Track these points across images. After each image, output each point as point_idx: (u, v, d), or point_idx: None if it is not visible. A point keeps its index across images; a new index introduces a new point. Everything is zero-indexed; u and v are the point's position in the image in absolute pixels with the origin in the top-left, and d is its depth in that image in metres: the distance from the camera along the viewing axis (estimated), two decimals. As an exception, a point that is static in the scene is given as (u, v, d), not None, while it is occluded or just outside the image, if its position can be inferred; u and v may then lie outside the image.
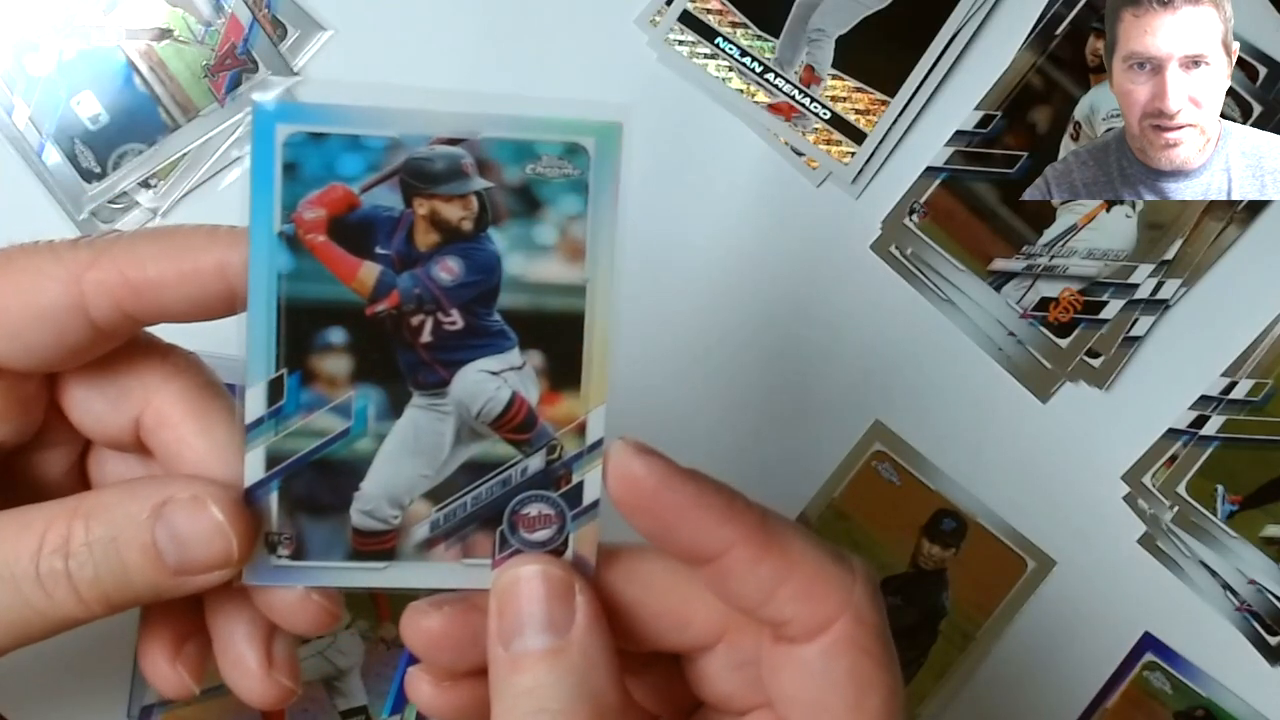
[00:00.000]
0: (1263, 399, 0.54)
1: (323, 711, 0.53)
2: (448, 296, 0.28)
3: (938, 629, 0.55)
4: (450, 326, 0.28)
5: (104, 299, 0.30)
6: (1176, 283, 0.55)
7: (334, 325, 0.28)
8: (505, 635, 0.28)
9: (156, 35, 0.53)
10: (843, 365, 0.55)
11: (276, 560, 0.29)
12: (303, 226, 0.27)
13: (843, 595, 0.29)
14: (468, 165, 0.27)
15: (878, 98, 0.55)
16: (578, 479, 0.29)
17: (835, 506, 0.55)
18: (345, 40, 0.54)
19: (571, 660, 0.28)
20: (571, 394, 0.29)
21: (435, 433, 0.29)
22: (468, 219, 0.28)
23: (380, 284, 0.28)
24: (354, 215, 0.27)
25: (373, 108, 0.27)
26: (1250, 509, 0.54)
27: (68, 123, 0.53)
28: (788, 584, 0.28)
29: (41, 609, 0.29)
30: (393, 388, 0.29)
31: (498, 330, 0.28)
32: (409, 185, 0.27)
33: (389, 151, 0.27)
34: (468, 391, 0.29)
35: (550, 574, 0.29)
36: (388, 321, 0.28)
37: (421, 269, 0.28)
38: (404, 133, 0.27)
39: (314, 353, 0.28)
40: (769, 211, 0.55)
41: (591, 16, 0.55)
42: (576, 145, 0.28)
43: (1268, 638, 0.55)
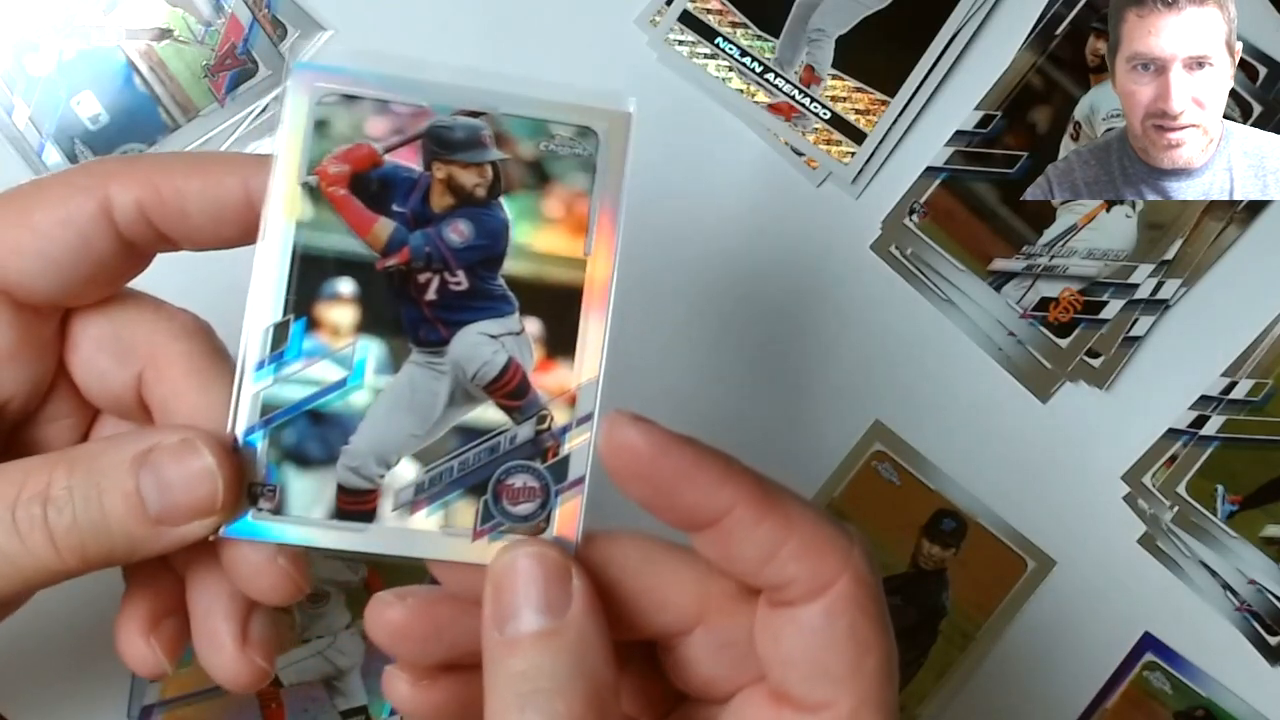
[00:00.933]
0: (1263, 399, 0.54)
1: (323, 711, 0.53)
2: (456, 257, 0.29)
3: (938, 629, 0.55)
4: (455, 287, 0.29)
5: (130, 205, 0.31)
6: (1176, 283, 0.55)
7: (343, 276, 0.29)
8: (500, 617, 0.28)
9: (156, 35, 0.53)
10: (843, 365, 0.55)
11: (256, 513, 0.30)
12: (326, 179, 0.29)
13: (842, 555, 0.29)
14: (486, 136, 0.29)
15: (878, 98, 0.55)
16: (565, 451, 0.30)
17: (835, 506, 0.55)
18: (345, 40, 0.54)
19: (568, 641, 0.28)
20: (565, 364, 0.30)
21: (430, 391, 0.30)
22: (481, 186, 0.29)
23: (393, 239, 0.29)
24: (375, 173, 0.29)
25: (404, 76, 0.29)
26: (1250, 509, 0.54)
27: (68, 123, 0.53)
28: (788, 544, 0.29)
29: (13, 557, 0.29)
30: (393, 342, 0.29)
31: (500, 294, 0.30)
32: (430, 150, 0.29)
33: (415, 118, 0.29)
34: (465, 353, 0.30)
35: (547, 556, 0.29)
36: (396, 277, 0.29)
37: (434, 229, 0.29)
38: (431, 102, 0.29)
39: (321, 300, 0.29)
40: (769, 211, 0.55)
41: (591, 16, 0.55)
42: (588, 128, 0.30)
43: (1268, 638, 0.55)
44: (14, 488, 0.29)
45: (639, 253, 0.55)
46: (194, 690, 0.53)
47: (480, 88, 0.29)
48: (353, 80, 0.29)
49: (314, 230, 0.29)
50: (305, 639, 0.53)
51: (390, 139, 0.29)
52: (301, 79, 0.29)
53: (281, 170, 0.29)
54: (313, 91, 0.29)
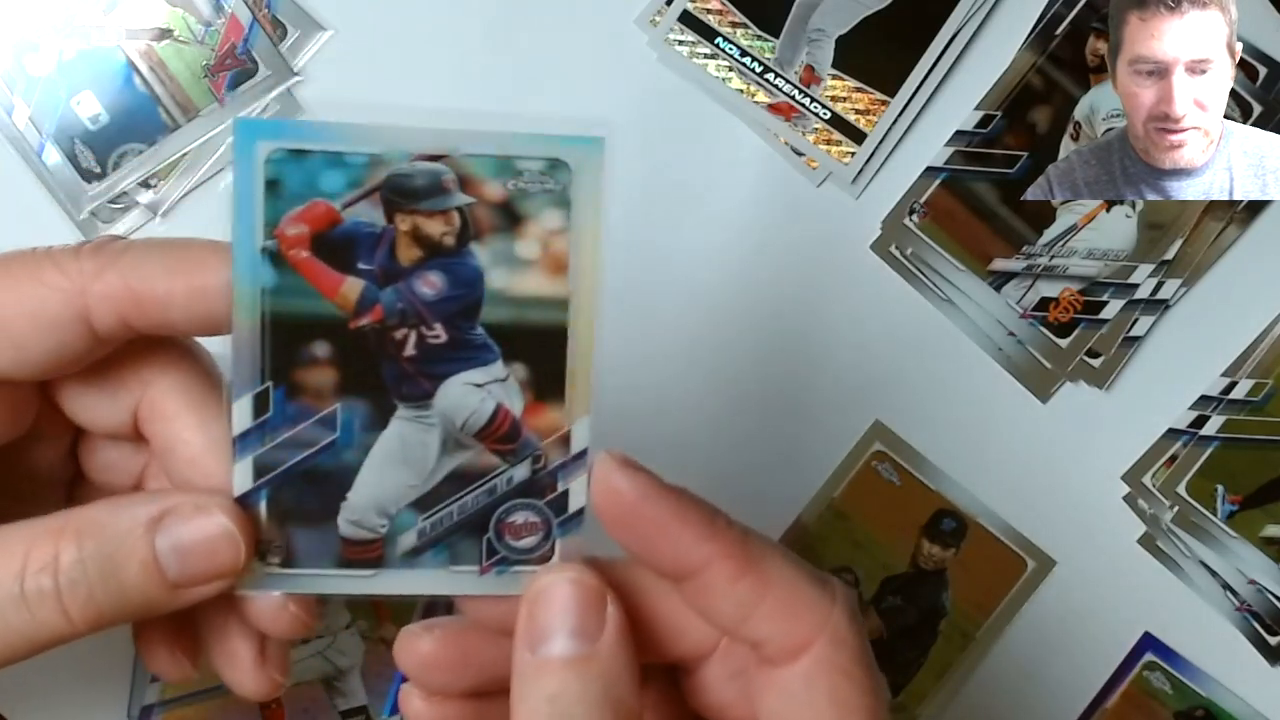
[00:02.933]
0: (1263, 399, 0.54)
1: (323, 711, 0.53)
2: (431, 310, 0.28)
3: (938, 629, 0.55)
4: (434, 340, 0.28)
5: (108, 312, 0.30)
6: (1176, 283, 0.55)
7: (318, 339, 0.28)
8: (534, 639, 0.28)
9: (156, 35, 0.53)
10: (843, 365, 0.55)
11: (267, 568, 0.30)
12: (285, 242, 0.27)
13: (820, 616, 0.29)
14: (449, 181, 0.27)
15: (878, 98, 0.55)
16: (563, 488, 0.30)
17: (835, 506, 0.55)
18: (345, 40, 0.54)
19: (598, 668, 0.28)
20: (556, 405, 0.29)
21: (421, 444, 0.29)
22: (449, 234, 0.28)
23: (363, 299, 0.28)
24: (336, 231, 0.27)
25: (353, 124, 0.27)
26: (1250, 509, 0.54)
27: (68, 123, 0.53)
28: (764, 603, 0.28)
29: (23, 630, 0.29)
30: (377, 400, 0.29)
31: (481, 344, 0.29)
32: (390, 201, 0.27)
33: (370, 168, 0.27)
34: (452, 404, 0.29)
35: (584, 581, 0.29)
36: (371, 335, 0.28)
37: (404, 283, 0.28)
38: (385, 149, 0.27)
39: (299, 366, 0.28)
40: (769, 211, 0.55)
41: (591, 16, 0.55)
42: (558, 160, 0.28)
43: (1268, 638, 0.55)
44: (17, 560, 0.29)
45: (639, 253, 0.55)
46: (194, 690, 0.53)
47: (436, 128, 0.28)
48: (299, 134, 0.27)
49: (281, 296, 0.28)
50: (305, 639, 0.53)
51: (347, 193, 0.27)
52: (245, 138, 0.27)
53: (238, 235, 0.27)
54: (258, 150, 0.27)
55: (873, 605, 0.55)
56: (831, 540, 0.55)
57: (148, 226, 0.54)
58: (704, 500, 0.29)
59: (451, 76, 0.55)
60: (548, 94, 0.55)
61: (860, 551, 0.55)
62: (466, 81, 0.55)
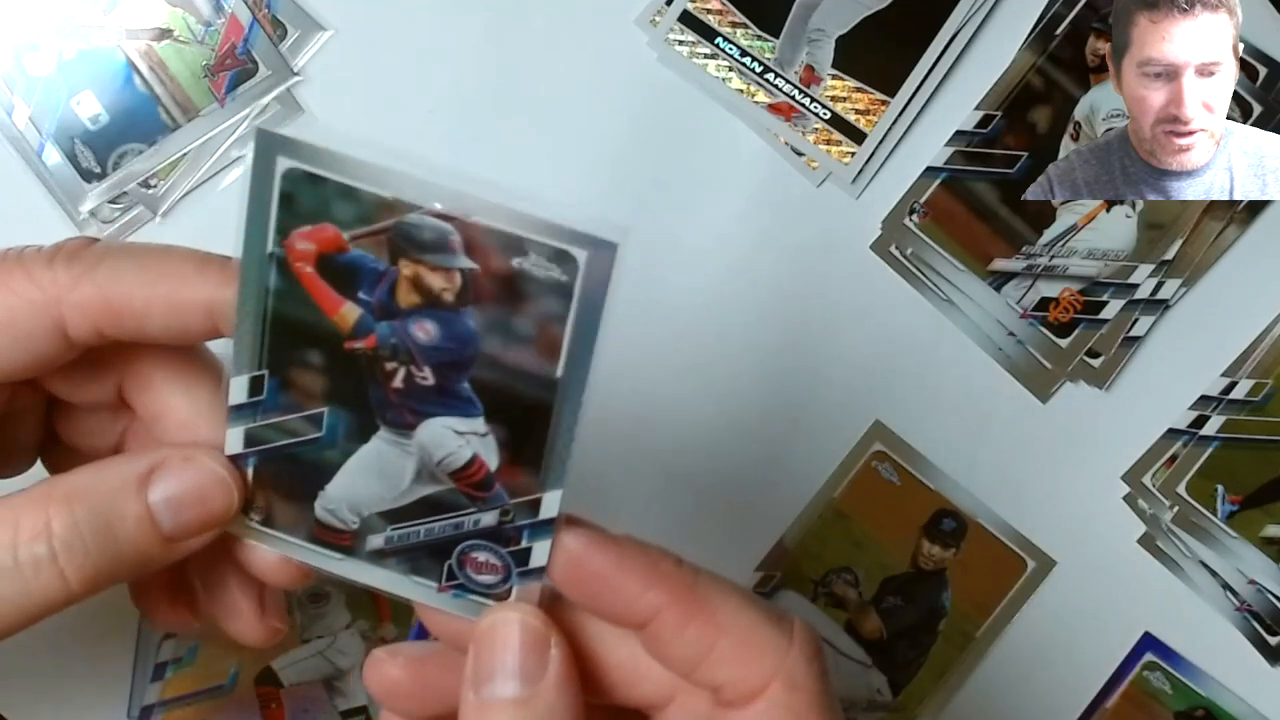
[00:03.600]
0: (1263, 399, 0.54)
1: (323, 711, 0.53)
2: (422, 355, 0.28)
3: (938, 629, 0.55)
4: (422, 381, 0.28)
5: (84, 323, 0.30)
6: (1176, 283, 0.55)
7: (313, 348, 0.28)
8: (478, 679, 0.28)
9: (156, 35, 0.53)
10: (843, 365, 0.55)
11: (249, 522, 0.30)
12: (292, 254, 0.27)
13: (775, 659, 0.28)
14: (455, 242, 0.27)
15: (878, 98, 0.55)
16: (526, 545, 0.29)
17: (835, 506, 0.55)
18: (345, 40, 0.54)
19: (537, 711, 0.28)
20: (530, 472, 0.29)
21: (397, 466, 0.29)
22: (449, 291, 0.27)
23: (359, 325, 0.28)
24: (341, 258, 0.27)
25: (373, 164, 0.26)
26: (1250, 509, 0.54)
27: (68, 123, 0.53)
28: (718, 647, 0.28)
29: (18, 600, 0.29)
30: (361, 416, 0.29)
31: (466, 397, 0.28)
32: (397, 246, 0.27)
33: (382, 210, 0.27)
34: (431, 441, 0.29)
35: (529, 623, 0.29)
36: (363, 359, 0.28)
37: (400, 323, 0.28)
38: (398, 196, 0.26)
39: (293, 365, 0.28)
40: (769, 211, 0.55)
41: (591, 16, 0.55)
42: (566, 253, 0.27)
43: (1268, 638, 0.55)
44: (8, 531, 0.29)
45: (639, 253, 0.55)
46: (194, 690, 0.53)
47: (452, 188, 0.26)
48: (317, 161, 0.26)
49: (283, 300, 0.28)
50: (305, 639, 0.53)
51: (356, 227, 0.27)
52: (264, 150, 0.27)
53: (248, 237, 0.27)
54: (277, 164, 0.26)
55: (873, 605, 0.55)
56: (831, 540, 0.55)
57: (148, 226, 0.54)
58: (650, 546, 0.29)
59: (451, 77, 0.55)
60: (547, 94, 0.55)
61: (860, 551, 0.55)
62: (466, 82, 0.55)
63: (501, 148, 0.55)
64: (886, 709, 0.55)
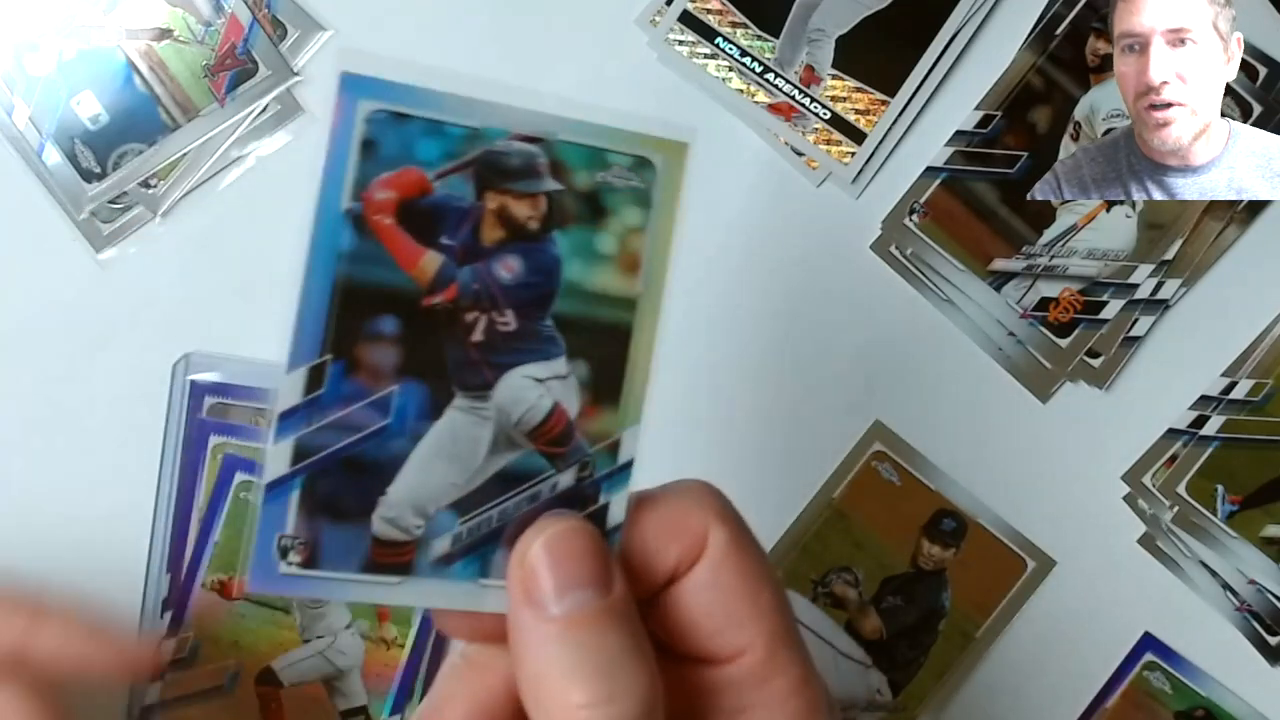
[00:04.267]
0: (1263, 399, 0.54)
1: (323, 711, 0.53)
2: (505, 296, 0.28)
3: (938, 629, 0.55)
4: (503, 327, 0.28)
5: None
6: (1176, 283, 0.55)
7: (387, 313, 0.27)
8: (555, 592, 0.27)
9: (156, 35, 0.53)
10: (843, 365, 0.55)
11: (285, 568, 0.27)
12: (371, 207, 0.26)
13: (703, 513, 0.29)
14: (541, 165, 0.27)
15: (878, 98, 0.55)
16: (603, 500, 0.29)
17: (835, 506, 0.55)
18: (345, 40, 0.54)
19: (624, 616, 0.28)
20: (610, 409, 0.29)
21: (472, 439, 0.28)
22: (535, 219, 0.27)
23: (441, 275, 0.27)
24: (424, 201, 0.27)
25: (458, 96, 0.27)
26: (1250, 509, 0.54)
27: (68, 123, 0.53)
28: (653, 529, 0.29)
29: None
30: (436, 385, 0.28)
31: (549, 336, 0.28)
32: (483, 177, 0.27)
33: (468, 141, 0.27)
34: (511, 397, 0.28)
35: (591, 531, 0.28)
36: (442, 315, 0.27)
37: (484, 264, 0.27)
38: (485, 124, 0.27)
39: (363, 340, 0.27)
40: (769, 211, 0.55)
41: (591, 16, 0.55)
42: (645, 159, 0.28)
43: (1268, 638, 0.55)
44: None
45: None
46: (194, 690, 0.53)
47: (539, 111, 0.27)
48: (405, 99, 0.26)
49: (355, 263, 0.27)
50: (305, 639, 0.53)
51: (441, 164, 0.27)
52: (350, 93, 0.26)
53: (324, 195, 0.26)
54: (359, 108, 0.26)
55: (873, 605, 0.55)
56: (831, 540, 0.55)
57: (148, 226, 0.54)
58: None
59: (451, 76, 0.55)
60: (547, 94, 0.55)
61: (860, 551, 0.55)
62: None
63: (501, 148, 0.55)
64: (886, 709, 0.55)
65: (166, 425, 0.53)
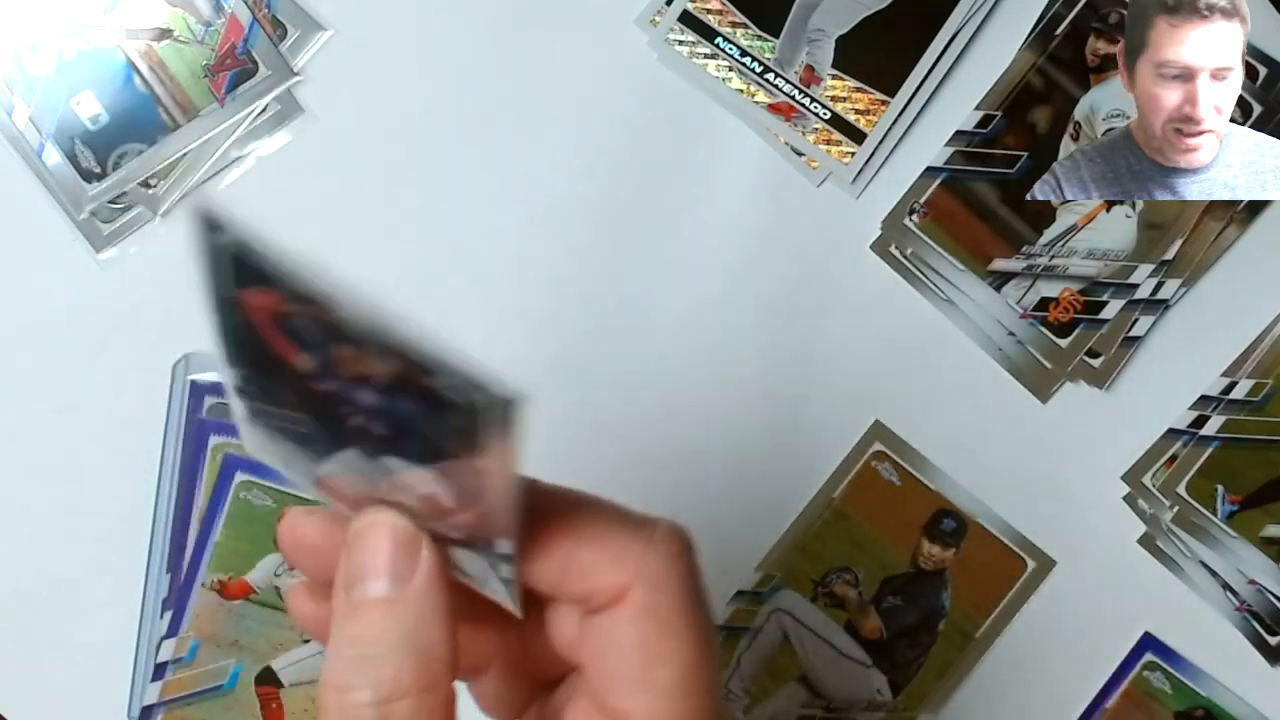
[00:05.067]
0: (1263, 399, 0.54)
1: (323, 711, 0.53)
2: (372, 413, 0.27)
3: (938, 629, 0.55)
4: (377, 431, 0.27)
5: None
6: (1176, 283, 0.55)
7: (281, 376, 0.27)
8: (350, 580, 0.28)
9: (156, 35, 0.53)
10: (843, 365, 0.55)
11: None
12: (247, 305, 0.26)
13: (634, 563, 0.28)
14: (372, 344, 0.25)
15: (878, 98, 0.55)
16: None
17: (835, 506, 0.55)
18: (345, 40, 0.54)
19: (405, 610, 0.28)
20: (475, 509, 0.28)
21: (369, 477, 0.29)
22: (381, 378, 0.26)
23: (312, 374, 0.27)
24: (281, 320, 0.26)
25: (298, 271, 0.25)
26: (1250, 509, 0.54)
27: (68, 123, 0.53)
28: (575, 558, 0.28)
29: None
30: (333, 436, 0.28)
31: (413, 453, 0.27)
32: (330, 331, 0.26)
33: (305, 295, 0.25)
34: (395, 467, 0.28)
35: (398, 526, 0.28)
36: (321, 399, 0.27)
37: (349, 384, 0.26)
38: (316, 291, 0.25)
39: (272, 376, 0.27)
40: (769, 211, 0.55)
41: (591, 16, 0.55)
42: (467, 402, 0.25)
43: (1268, 638, 0.55)
44: None
45: (639, 252, 0.55)
46: (194, 690, 0.53)
47: (363, 314, 0.24)
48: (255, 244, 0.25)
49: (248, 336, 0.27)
50: (305, 639, 0.53)
51: (295, 304, 0.25)
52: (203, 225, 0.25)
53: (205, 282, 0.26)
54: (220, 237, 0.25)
55: (873, 605, 0.55)
56: (831, 540, 0.55)
57: (147, 227, 0.54)
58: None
59: (451, 76, 0.55)
60: (547, 94, 0.55)
61: (860, 551, 0.55)
62: (465, 82, 0.55)
63: (501, 148, 0.55)
64: (886, 709, 0.55)
65: (166, 425, 0.53)
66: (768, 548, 0.55)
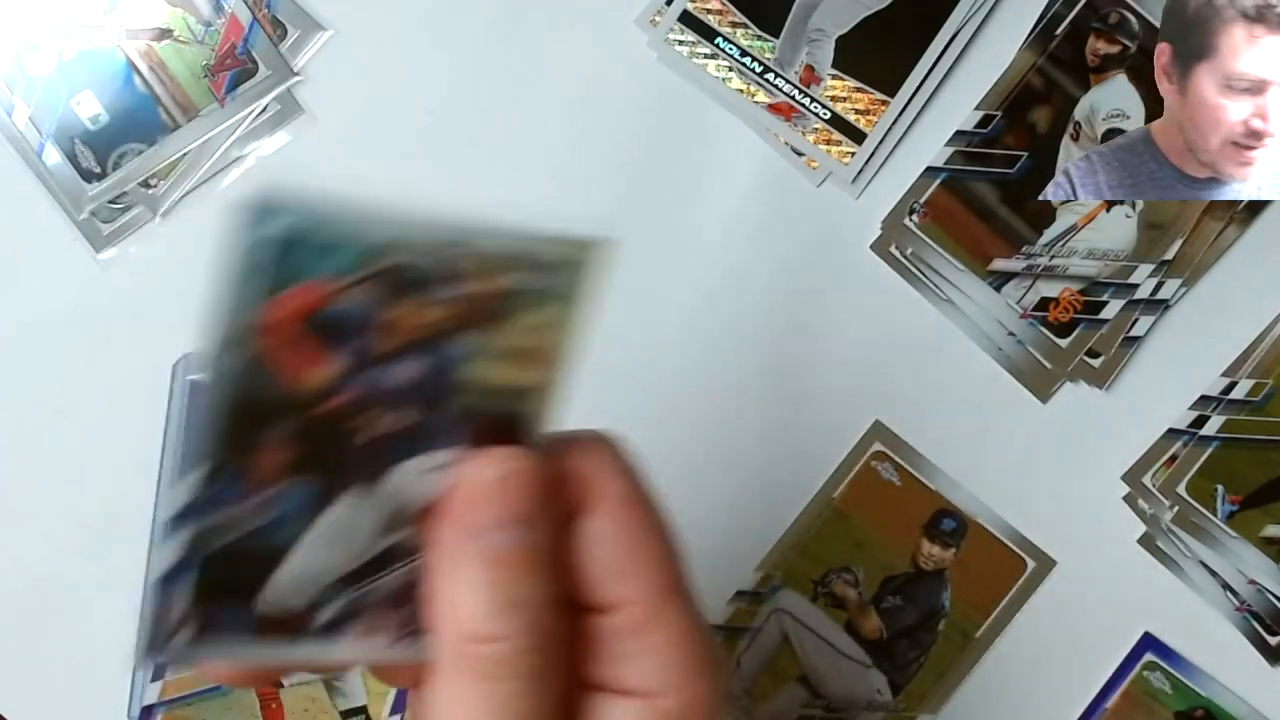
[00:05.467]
0: (1263, 399, 0.54)
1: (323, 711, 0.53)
2: (400, 397, 0.27)
3: (937, 629, 0.55)
4: (396, 426, 0.28)
5: None
6: (1176, 283, 0.55)
7: (279, 421, 0.27)
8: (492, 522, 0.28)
9: (156, 35, 0.53)
10: (843, 365, 0.55)
11: (180, 643, 0.28)
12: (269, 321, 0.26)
13: (594, 466, 0.30)
14: (441, 275, 0.26)
15: (878, 98, 0.55)
16: None
17: (835, 506, 0.55)
18: (345, 40, 0.54)
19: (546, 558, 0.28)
20: None
21: (360, 529, 0.29)
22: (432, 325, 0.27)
23: (334, 384, 0.27)
24: (320, 314, 0.26)
25: (358, 215, 0.26)
26: (1250, 509, 0.54)
27: (68, 123, 0.53)
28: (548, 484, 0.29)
29: None
30: (328, 481, 0.28)
31: (443, 430, 0.28)
32: (383, 287, 0.26)
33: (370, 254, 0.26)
34: (399, 488, 0.28)
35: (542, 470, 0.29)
36: (334, 420, 0.27)
37: (379, 369, 0.27)
38: (383, 239, 0.26)
39: (251, 446, 0.27)
40: (769, 211, 0.55)
41: (591, 16, 0.55)
42: (555, 262, 0.27)
43: (1268, 638, 0.55)
44: None
45: (639, 252, 0.55)
46: (194, 690, 0.53)
47: (438, 221, 0.26)
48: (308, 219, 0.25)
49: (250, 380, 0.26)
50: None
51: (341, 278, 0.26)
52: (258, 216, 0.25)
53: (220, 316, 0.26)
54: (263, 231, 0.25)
55: (873, 605, 0.55)
56: (831, 540, 0.55)
57: (147, 227, 0.54)
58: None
59: (451, 76, 0.55)
60: (547, 94, 0.55)
61: (860, 551, 0.55)
62: (466, 82, 0.55)
63: (501, 147, 0.55)
64: (886, 709, 0.55)
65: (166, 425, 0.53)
66: (768, 548, 0.55)
